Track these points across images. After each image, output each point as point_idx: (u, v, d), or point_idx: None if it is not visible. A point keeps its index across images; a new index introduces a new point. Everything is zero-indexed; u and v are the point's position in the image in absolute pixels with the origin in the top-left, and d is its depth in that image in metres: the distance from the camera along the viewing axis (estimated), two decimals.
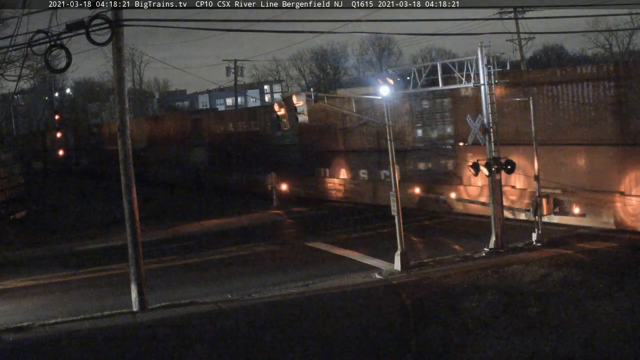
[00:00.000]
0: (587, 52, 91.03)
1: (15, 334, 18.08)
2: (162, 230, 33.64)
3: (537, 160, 24.46)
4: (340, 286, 21.11)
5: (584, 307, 16.95)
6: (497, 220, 23.70)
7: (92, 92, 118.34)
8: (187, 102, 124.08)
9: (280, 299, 20.08)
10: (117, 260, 26.23)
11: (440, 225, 29.86)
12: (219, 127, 51.02)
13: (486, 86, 23.82)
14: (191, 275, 24.26)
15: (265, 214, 36.54)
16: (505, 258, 22.51)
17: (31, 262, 28.74)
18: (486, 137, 23.96)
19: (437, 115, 32.61)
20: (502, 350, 14.73)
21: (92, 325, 18.61)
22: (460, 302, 18.19)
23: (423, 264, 22.74)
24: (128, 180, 19.98)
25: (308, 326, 17.55)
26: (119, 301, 20.64)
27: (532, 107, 24.47)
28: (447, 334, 16.02)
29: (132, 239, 20.04)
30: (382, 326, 17.18)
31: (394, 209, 22.76)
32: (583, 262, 21.08)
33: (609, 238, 23.98)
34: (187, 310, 19.46)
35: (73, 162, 77.43)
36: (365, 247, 26.24)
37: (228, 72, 76.55)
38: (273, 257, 26.52)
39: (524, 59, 60.64)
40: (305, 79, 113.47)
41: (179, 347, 16.51)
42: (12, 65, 34.05)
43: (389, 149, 22.95)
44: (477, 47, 23.71)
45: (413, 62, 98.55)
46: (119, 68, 19.96)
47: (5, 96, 78.18)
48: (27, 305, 21.75)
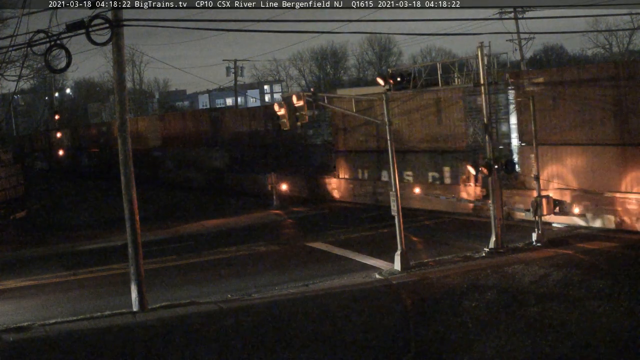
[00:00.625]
0: (587, 52, 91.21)
1: (15, 334, 18.07)
2: (162, 230, 33.65)
3: (537, 160, 24.50)
4: (340, 286, 21.11)
5: (584, 307, 16.96)
6: (497, 220, 23.70)
7: (92, 92, 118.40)
8: (187, 102, 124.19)
9: (280, 299, 20.08)
10: (117, 260, 26.22)
11: (441, 225, 29.86)
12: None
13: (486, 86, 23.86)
14: (191, 275, 24.25)
15: (265, 214, 36.58)
16: (505, 258, 22.52)
17: (31, 262, 28.74)
18: (486, 137, 23.96)
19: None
20: (502, 350, 14.73)
21: (92, 325, 18.60)
22: (460, 302, 18.20)
23: (423, 264, 22.74)
24: (128, 180, 19.98)
25: (308, 326, 17.55)
26: (119, 301, 20.63)
27: (532, 106, 24.48)
28: (447, 334, 16.02)
29: (132, 239, 20.03)
30: (382, 326, 17.19)
31: (394, 209, 22.77)
32: (583, 262, 21.08)
33: (609, 238, 23.99)
34: (187, 310, 19.46)
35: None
36: (365, 247, 26.23)
37: (228, 72, 76.67)
38: (273, 257, 26.51)
39: (524, 59, 60.69)
40: (305, 79, 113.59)
41: (179, 347, 16.51)
42: (12, 65, 34.09)
43: (389, 148, 22.94)
44: (477, 47, 23.76)
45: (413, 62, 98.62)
46: (119, 68, 19.95)
47: (5, 96, 78.18)
48: (27, 305, 21.74)
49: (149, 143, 58.39)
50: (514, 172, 24.65)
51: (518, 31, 59.50)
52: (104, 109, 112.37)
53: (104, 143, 67.87)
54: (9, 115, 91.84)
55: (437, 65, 25.98)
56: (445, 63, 27.10)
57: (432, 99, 32.61)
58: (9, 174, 41.18)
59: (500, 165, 23.62)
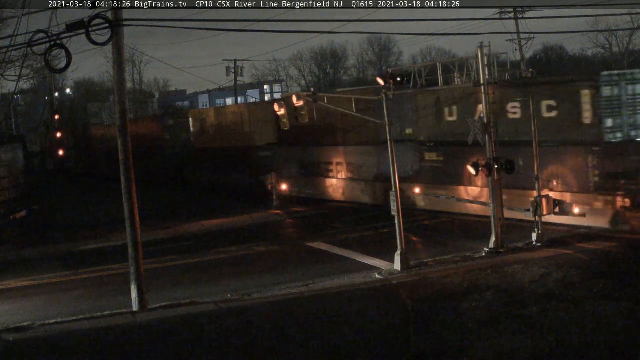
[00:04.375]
0: (587, 52, 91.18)
1: (15, 334, 18.08)
2: (162, 230, 33.65)
3: (537, 160, 24.50)
4: (340, 286, 21.11)
5: (584, 307, 16.95)
6: (497, 220, 23.70)
7: (92, 92, 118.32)
8: (187, 102, 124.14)
9: (280, 299, 20.08)
10: (117, 260, 26.21)
11: (441, 225, 29.85)
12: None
13: (486, 86, 23.86)
14: (191, 275, 24.25)
15: (265, 214, 36.57)
16: (505, 258, 22.52)
17: (31, 262, 28.74)
18: (486, 137, 23.96)
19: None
20: (502, 350, 14.73)
21: (92, 325, 18.61)
22: (460, 302, 18.20)
23: (423, 264, 22.74)
24: (128, 180, 19.97)
25: (308, 326, 17.54)
26: (119, 301, 20.64)
27: (532, 106, 24.48)
28: (447, 334, 16.02)
29: (132, 239, 20.04)
30: (382, 326, 17.18)
31: (394, 209, 22.77)
32: (583, 262, 21.08)
33: (609, 238, 23.99)
34: (187, 310, 19.46)
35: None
36: (366, 247, 26.23)
37: (228, 72, 76.75)
38: (273, 257, 26.52)
39: (524, 59, 60.69)
40: (305, 79, 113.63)
41: (179, 347, 16.51)
42: (12, 65, 34.09)
43: (389, 148, 22.93)
44: (478, 47, 23.77)
45: (413, 62, 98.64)
46: (119, 68, 19.96)
47: (5, 96, 78.16)
48: (27, 305, 21.74)
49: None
50: (514, 171, 24.64)
51: (518, 31, 59.54)
52: (104, 109, 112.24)
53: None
54: (9, 115, 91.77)
55: (437, 65, 26.00)
56: (445, 63, 27.12)
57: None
58: (9, 173, 41.14)
59: (500, 165, 23.62)
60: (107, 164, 62.12)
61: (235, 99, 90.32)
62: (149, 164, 51.56)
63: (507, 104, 27.71)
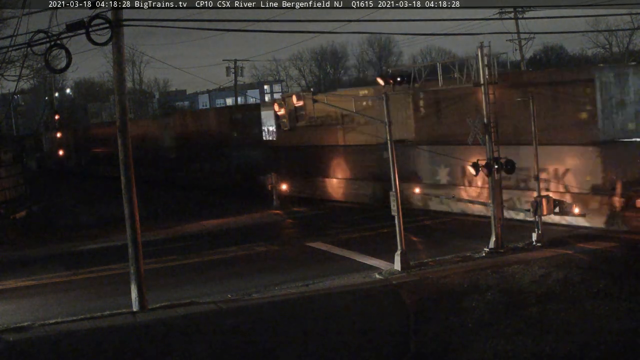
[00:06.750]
0: (587, 52, 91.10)
1: (15, 334, 18.07)
2: (162, 230, 33.65)
3: (537, 160, 24.50)
4: (340, 286, 21.11)
5: (584, 307, 16.96)
6: (497, 220, 23.69)
7: (92, 92, 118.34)
8: (187, 102, 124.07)
9: (280, 299, 20.08)
10: (117, 260, 26.19)
11: (441, 225, 29.85)
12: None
13: (486, 86, 23.85)
14: (191, 275, 24.25)
15: (265, 214, 36.57)
16: (505, 258, 22.52)
17: (31, 262, 28.73)
18: (486, 137, 23.96)
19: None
20: (502, 350, 14.72)
21: (92, 325, 18.61)
22: (460, 302, 18.20)
23: (423, 264, 22.74)
24: (128, 180, 19.97)
25: (308, 326, 17.55)
26: (119, 301, 20.63)
27: (532, 106, 24.46)
28: (447, 334, 16.02)
29: (132, 239, 20.04)
30: (382, 326, 17.19)
31: (394, 209, 22.77)
32: (583, 262, 21.08)
33: (609, 238, 23.99)
34: (187, 310, 19.45)
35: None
36: (366, 247, 26.23)
37: (228, 72, 76.67)
38: (273, 257, 26.52)
39: (524, 59, 60.70)
40: (305, 79, 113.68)
41: (179, 347, 16.51)
42: (12, 65, 34.15)
43: (389, 148, 22.93)
44: (478, 47, 23.75)
45: (413, 62, 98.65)
46: (119, 68, 19.96)
47: (5, 96, 78.18)
48: (27, 305, 21.73)
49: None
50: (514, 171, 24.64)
51: (518, 31, 59.53)
52: (104, 109, 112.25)
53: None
54: (9, 115, 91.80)
55: (437, 65, 25.98)
56: (445, 63, 27.09)
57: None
58: (9, 174, 41.13)
59: (500, 165, 23.62)
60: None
61: (235, 99, 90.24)
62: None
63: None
